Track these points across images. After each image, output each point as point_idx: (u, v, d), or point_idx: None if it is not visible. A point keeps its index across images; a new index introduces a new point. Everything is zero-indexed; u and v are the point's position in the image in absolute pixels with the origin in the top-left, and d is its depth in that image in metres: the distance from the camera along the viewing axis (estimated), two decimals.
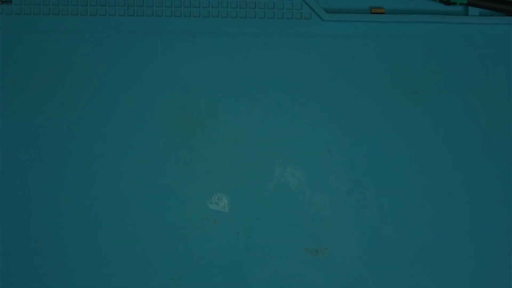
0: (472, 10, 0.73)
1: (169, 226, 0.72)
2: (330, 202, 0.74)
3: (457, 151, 0.73)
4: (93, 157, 0.72)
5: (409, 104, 0.73)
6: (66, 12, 0.73)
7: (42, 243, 0.73)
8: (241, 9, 0.74)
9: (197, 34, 0.74)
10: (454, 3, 0.73)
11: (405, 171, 0.73)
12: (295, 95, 0.74)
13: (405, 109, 0.74)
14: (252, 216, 0.73)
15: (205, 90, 0.73)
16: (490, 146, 0.74)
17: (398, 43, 0.74)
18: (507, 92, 0.74)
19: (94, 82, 0.73)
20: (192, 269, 0.74)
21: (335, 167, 0.74)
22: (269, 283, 0.74)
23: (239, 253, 0.74)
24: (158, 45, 0.74)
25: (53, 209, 0.73)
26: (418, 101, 0.73)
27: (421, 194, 0.73)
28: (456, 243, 0.73)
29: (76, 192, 0.73)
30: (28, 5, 0.73)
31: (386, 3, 0.74)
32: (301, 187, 0.74)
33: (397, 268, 0.74)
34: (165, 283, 0.73)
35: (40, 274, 0.73)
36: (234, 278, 0.74)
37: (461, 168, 0.73)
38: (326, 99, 0.74)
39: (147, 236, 0.73)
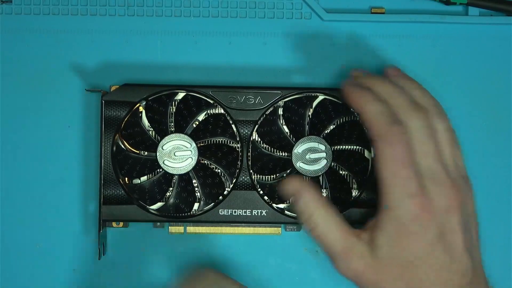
0: (472, 10, 0.73)
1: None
2: None
3: None
4: (92, 157, 0.72)
5: None
6: (66, 12, 0.73)
7: (42, 243, 0.73)
8: (241, 9, 0.74)
9: (197, 34, 0.74)
10: (454, 3, 0.73)
11: None
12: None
13: None
14: None
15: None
16: (490, 146, 0.74)
17: (398, 43, 0.74)
18: (507, 92, 0.74)
19: (94, 82, 0.73)
20: (192, 269, 0.73)
21: None
22: (269, 283, 0.74)
23: (239, 253, 0.74)
24: (158, 45, 0.74)
25: (53, 209, 0.73)
26: None
27: None
28: None
29: (76, 192, 0.73)
30: (28, 5, 0.73)
31: (386, 3, 0.74)
32: None
33: None
34: (165, 283, 0.73)
35: (40, 274, 0.73)
36: (234, 278, 0.73)
37: None
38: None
39: (147, 236, 0.73)
